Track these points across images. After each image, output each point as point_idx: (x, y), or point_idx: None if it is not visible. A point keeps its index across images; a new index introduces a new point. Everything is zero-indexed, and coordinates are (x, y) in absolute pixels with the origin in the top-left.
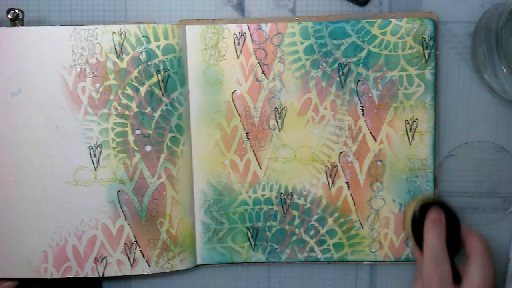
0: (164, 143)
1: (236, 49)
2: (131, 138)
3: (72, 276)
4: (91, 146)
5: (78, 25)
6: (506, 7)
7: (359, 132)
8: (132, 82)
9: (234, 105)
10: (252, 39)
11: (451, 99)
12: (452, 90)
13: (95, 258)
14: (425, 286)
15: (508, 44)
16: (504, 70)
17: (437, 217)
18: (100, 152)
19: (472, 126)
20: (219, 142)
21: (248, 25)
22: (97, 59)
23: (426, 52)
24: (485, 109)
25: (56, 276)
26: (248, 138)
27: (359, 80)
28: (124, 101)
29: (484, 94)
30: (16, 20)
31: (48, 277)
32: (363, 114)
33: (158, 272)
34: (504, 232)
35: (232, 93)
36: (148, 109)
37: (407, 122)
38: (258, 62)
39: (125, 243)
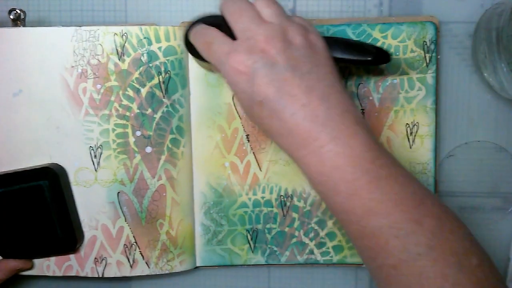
0: (164, 145)
1: None
2: (131, 139)
3: (73, 275)
4: (92, 147)
5: (79, 25)
6: (506, 6)
7: None
8: (133, 84)
9: (235, 107)
10: None
11: (452, 99)
12: (452, 90)
13: (95, 258)
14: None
15: (508, 43)
16: (504, 68)
17: (198, 29)
18: (101, 153)
19: (472, 126)
20: (219, 144)
21: None
22: (98, 60)
23: (427, 56)
24: (485, 109)
25: (58, 273)
26: (248, 140)
27: (359, 84)
28: (125, 102)
29: (484, 94)
30: (18, 20)
31: (50, 274)
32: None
33: (158, 273)
34: (504, 232)
35: (233, 95)
36: (149, 111)
37: (407, 125)
38: None
39: (124, 244)
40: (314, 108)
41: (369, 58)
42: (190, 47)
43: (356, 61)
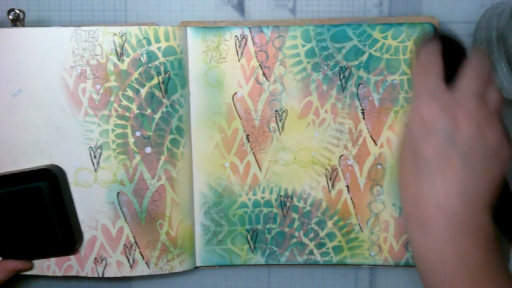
0: (164, 145)
1: (237, 51)
2: (131, 140)
3: (73, 275)
4: (91, 147)
5: (79, 25)
6: (506, 6)
7: (359, 136)
8: (133, 84)
9: (235, 107)
10: (253, 42)
11: None
12: None
13: (95, 258)
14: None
15: (508, 42)
16: (504, 68)
17: (430, 50)
18: (100, 154)
19: None
20: (219, 144)
21: (249, 28)
22: (97, 60)
23: None
24: None
25: (58, 273)
26: (248, 141)
27: (360, 84)
28: (124, 102)
29: None
30: (17, 20)
31: (50, 274)
32: (363, 118)
33: (158, 273)
34: None
35: (233, 95)
36: (149, 111)
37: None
38: (259, 65)
39: (124, 244)
40: (452, 199)
41: None
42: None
43: None
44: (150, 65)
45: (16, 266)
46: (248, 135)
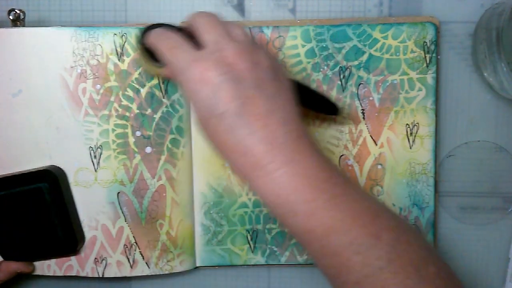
0: (164, 145)
1: None
2: (131, 140)
3: (74, 275)
4: (92, 147)
5: (79, 26)
6: (506, 6)
7: (359, 136)
8: (133, 84)
9: None
10: None
11: (452, 99)
12: (452, 90)
13: (95, 258)
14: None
15: (508, 42)
16: (504, 68)
17: (161, 31)
18: (101, 153)
19: (472, 126)
20: None
21: (249, 28)
22: (98, 60)
23: (428, 56)
24: (485, 109)
25: (59, 273)
26: None
27: (360, 84)
28: (124, 102)
29: (484, 94)
30: (17, 21)
31: (51, 274)
32: (363, 118)
33: (158, 273)
34: (504, 232)
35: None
36: (149, 111)
37: (407, 126)
38: None
39: (124, 244)
40: (273, 130)
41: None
42: (143, 50)
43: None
44: None
45: (18, 268)
46: None
